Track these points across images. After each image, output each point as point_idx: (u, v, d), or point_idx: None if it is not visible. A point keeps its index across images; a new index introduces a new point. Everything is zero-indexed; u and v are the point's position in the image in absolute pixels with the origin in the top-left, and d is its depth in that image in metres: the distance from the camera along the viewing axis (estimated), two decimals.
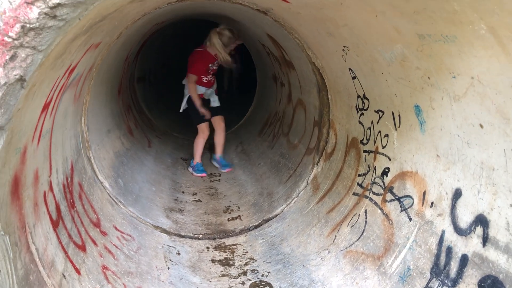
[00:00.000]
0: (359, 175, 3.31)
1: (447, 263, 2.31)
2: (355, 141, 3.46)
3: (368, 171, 3.20)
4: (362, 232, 3.03)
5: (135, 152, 5.05)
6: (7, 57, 1.30)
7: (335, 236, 3.23)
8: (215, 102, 5.50)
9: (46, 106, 2.04)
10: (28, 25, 1.24)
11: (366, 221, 3.04)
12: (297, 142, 4.63)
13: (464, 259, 2.20)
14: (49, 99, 2.05)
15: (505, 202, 2.00)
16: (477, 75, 1.93)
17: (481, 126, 2.07)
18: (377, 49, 2.65)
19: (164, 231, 3.82)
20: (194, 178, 5.35)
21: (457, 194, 2.31)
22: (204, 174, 5.41)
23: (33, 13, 1.22)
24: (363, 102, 3.26)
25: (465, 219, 2.24)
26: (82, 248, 2.65)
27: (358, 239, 3.03)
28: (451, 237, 2.31)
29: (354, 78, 3.24)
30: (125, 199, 3.85)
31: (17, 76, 1.35)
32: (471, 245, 2.18)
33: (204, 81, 5.27)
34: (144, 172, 4.84)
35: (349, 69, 3.23)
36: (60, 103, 2.42)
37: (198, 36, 10.40)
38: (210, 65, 5.17)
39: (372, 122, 3.17)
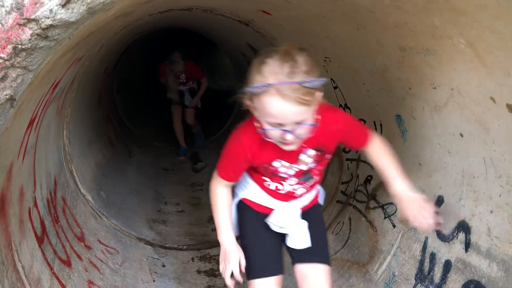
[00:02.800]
0: (343, 183, 3.36)
1: (431, 268, 2.37)
2: (337, 149, 3.51)
3: (351, 179, 3.26)
4: (347, 240, 3.07)
5: (116, 163, 5.01)
6: None
7: None
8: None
9: (31, 122, 2.02)
10: (20, 46, 1.24)
11: (350, 229, 3.09)
12: None
13: (447, 265, 2.26)
14: (34, 115, 2.04)
15: (486, 209, 2.07)
16: (457, 86, 2.00)
17: (461, 135, 2.13)
18: (358, 60, 2.70)
19: (148, 243, 3.80)
20: (176, 189, 5.33)
21: (440, 201, 2.37)
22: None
23: (26, 34, 1.22)
24: (345, 111, 3.32)
25: (447, 226, 2.30)
26: (68, 263, 2.63)
27: (343, 247, 3.08)
28: (434, 243, 2.37)
29: (335, 88, 3.29)
30: (108, 211, 3.81)
31: (7, 96, 1.35)
32: (454, 251, 2.24)
33: None
34: (126, 183, 4.81)
35: (331, 79, 3.28)
36: (44, 117, 2.40)
37: (176, 45, 10.37)
38: None
39: None
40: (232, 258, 2.06)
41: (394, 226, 2.70)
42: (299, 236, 2.15)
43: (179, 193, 5.21)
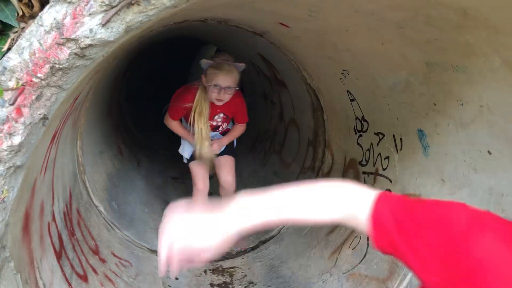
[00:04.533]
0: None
1: None
2: (353, 162, 3.48)
3: None
4: (365, 255, 3.03)
5: (125, 172, 4.97)
6: (34, 97, 1.26)
7: (337, 258, 3.22)
8: None
9: (53, 137, 1.99)
10: (57, 66, 1.21)
11: (368, 244, 3.05)
12: (291, 160, 4.63)
13: None
14: (57, 129, 2.01)
15: None
16: (487, 104, 1.97)
17: (489, 152, 2.10)
18: (379, 74, 2.68)
19: None
20: (185, 198, 5.28)
21: None
22: None
23: (64, 54, 1.19)
24: (362, 124, 3.28)
25: None
26: (84, 278, 2.58)
27: (360, 262, 3.03)
28: None
29: (352, 100, 3.26)
30: (120, 222, 3.77)
31: (41, 116, 1.32)
32: None
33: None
34: (136, 193, 4.77)
35: (347, 91, 3.25)
36: (63, 131, 2.37)
37: (184, 53, 10.38)
38: None
39: (371, 144, 3.19)
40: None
41: None
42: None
43: None
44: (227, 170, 3.88)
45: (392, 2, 1.79)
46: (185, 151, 3.92)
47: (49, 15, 1.17)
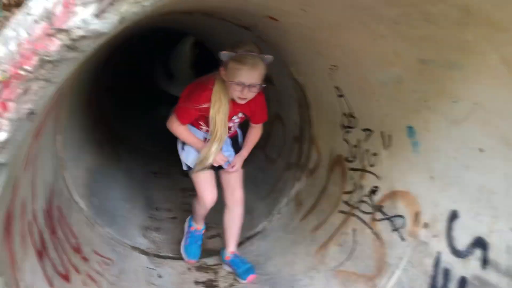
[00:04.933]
0: (345, 193, 3.31)
1: (445, 285, 2.33)
2: (340, 158, 3.46)
3: (354, 189, 3.20)
4: (352, 252, 3.02)
5: (106, 167, 4.86)
6: (20, 91, 1.19)
7: (323, 255, 3.21)
8: None
9: (37, 132, 1.90)
10: (46, 58, 1.14)
11: (355, 240, 3.04)
12: (276, 156, 4.60)
13: (463, 281, 2.23)
14: (41, 124, 1.92)
15: (506, 226, 2.04)
16: (481, 101, 1.96)
17: (481, 150, 2.10)
18: (370, 70, 2.65)
19: (143, 252, 3.68)
20: (167, 194, 5.21)
21: (454, 216, 2.34)
22: (191, 261, 3.59)
23: (54, 45, 1.12)
24: (349, 120, 3.26)
25: (462, 241, 2.27)
26: (66, 278, 2.50)
27: (347, 259, 3.02)
28: (448, 258, 2.33)
29: (340, 96, 3.24)
30: (101, 219, 3.68)
31: (28, 111, 1.24)
32: (470, 267, 2.20)
33: None
34: (117, 188, 4.67)
35: (336, 87, 3.23)
36: (46, 126, 2.27)
37: (166, 45, 10.22)
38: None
39: (359, 140, 3.18)
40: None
41: (403, 239, 2.65)
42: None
43: (170, 198, 5.08)
44: (237, 185, 3.32)
45: None
46: (189, 158, 3.20)
47: (38, 3, 1.10)
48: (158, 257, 3.70)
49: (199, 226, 3.68)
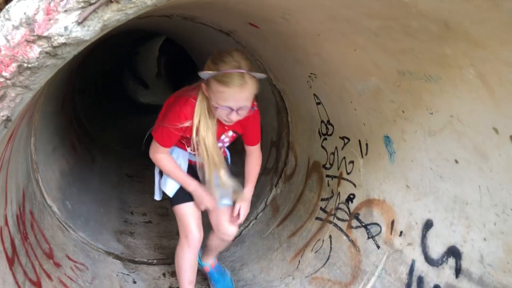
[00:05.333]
0: (322, 200, 3.33)
1: None
2: (317, 165, 3.48)
3: (331, 196, 3.23)
4: (328, 258, 3.03)
5: (79, 170, 4.77)
6: None
7: (299, 261, 3.22)
8: None
9: (11, 137, 1.85)
10: (25, 65, 1.11)
11: (331, 247, 3.06)
12: None
13: None
14: (14, 128, 1.87)
15: (479, 236, 2.08)
16: (457, 114, 2.00)
17: (456, 161, 2.14)
18: (348, 80, 2.68)
19: (117, 257, 3.62)
20: (142, 197, 5.14)
21: (428, 225, 2.38)
22: None
23: (34, 52, 1.09)
24: (327, 128, 3.29)
25: (436, 250, 2.31)
26: (38, 284, 2.43)
27: (323, 265, 3.04)
28: (422, 266, 2.37)
29: (318, 103, 3.26)
30: (74, 223, 3.61)
31: (3, 117, 1.20)
32: (444, 276, 2.24)
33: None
34: (90, 191, 4.58)
35: (314, 94, 3.25)
36: (19, 128, 2.22)
37: (139, 45, 10.08)
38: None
39: (336, 147, 3.20)
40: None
41: (378, 247, 2.68)
42: None
43: (145, 202, 5.02)
44: (230, 217, 2.80)
45: (371, 10, 1.78)
46: (167, 185, 2.69)
47: (18, 9, 1.07)
48: (132, 263, 3.64)
49: (212, 262, 3.18)
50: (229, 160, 2.93)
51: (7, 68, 1.10)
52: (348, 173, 3.07)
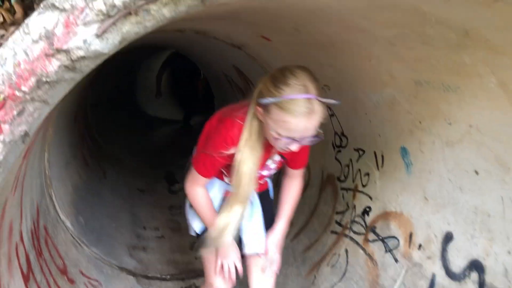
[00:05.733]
0: (337, 213, 3.28)
1: None
2: (331, 177, 3.44)
3: (347, 209, 3.18)
4: (344, 273, 2.98)
5: (92, 184, 4.77)
6: (15, 112, 1.14)
7: (315, 276, 3.16)
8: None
9: (27, 152, 1.84)
10: (44, 79, 1.10)
11: (347, 261, 3.00)
12: None
13: None
14: (30, 144, 1.86)
15: (502, 249, 2.02)
16: (476, 124, 1.96)
17: (476, 172, 2.09)
18: (363, 91, 2.65)
19: (130, 272, 3.60)
20: (153, 211, 5.12)
21: (448, 238, 2.32)
22: None
23: (52, 66, 1.08)
24: (341, 140, 3.26)
25: (458, 264, 2.25)
26: None
27: (340, 280, 2.98)
28: (443, 281, 2.31)
29: (332, 115, 3.23)
30: (87, 238, 3.60)
31: (22, 133, 1.19)
32: None
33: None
34: (103, 206, 4.58)
35: (328, 107, 3.22)
36: (34, 143, 2.21)
37: (149, 58, 10.13)
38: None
39: (350, 160, 3.17)
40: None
41: (396, 260, 2.63)
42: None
43: (157, 216, 5.00)
44: (266, 280, 2.42)
45: (387, 20, 1.76)
46: (195, 221, 2.38)
47: (37, 23, 1.06)
48: (146, 278, 3.62)
49: None
50: (271, 194, 2.52)
51: (26, 83, 1.09)
52: (363, 186, 3.03)
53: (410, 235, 2.56)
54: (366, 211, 2.97)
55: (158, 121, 9.86)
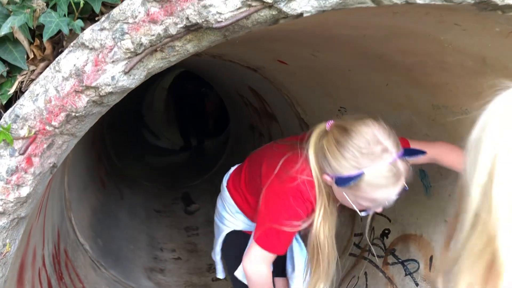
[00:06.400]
0: (355, 235, 3.26)
1: None
2: None
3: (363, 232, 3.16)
4: None
5: (109, 206, 4.81)
6: (45, 146, 1.18)
7: None
8: None
9: (51, 180, 1.88)
10: (73, 114, 1.13)
11: (366, 284, 2.98)
12: None
13: None
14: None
15: None
16: None
17: None
18: (380, 113, 2.64)
19: None
20: (170, 233, 5.14)
21: None
22: None
23: (82, 101, 1.12)
24: None
25: None
26: None
27: None
28: None
29: None
30: (105, 261, 3.62)
31: (51, 165, 1.23)
32: None
33: None
34: (120, 228, 4.61)
35: None
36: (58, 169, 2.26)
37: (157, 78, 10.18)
38: None
39: None
40: None
41: (417, 284, 2.60)
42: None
43: (173, 238, 5.02)
44: None
45: (405, 47, 1.78)
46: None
47: (67, 61, 1.10)
48: None
49: None
50: None
51: (56, 118, 1.12)
52: None
53: (431, 258, 2.54)
54: (385, 233, 2.95)
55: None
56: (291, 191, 1.68)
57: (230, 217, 2.12)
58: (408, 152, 1.60)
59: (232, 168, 2.23)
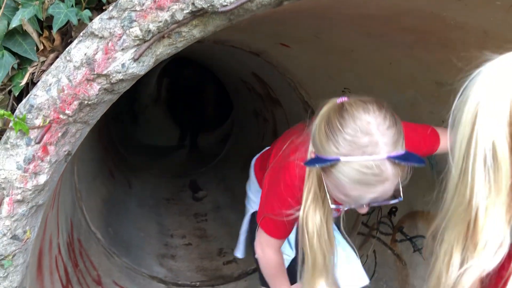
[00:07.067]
0: (363, 214, 3.29)
1: None
2: None
3: (373, 210, 3.20)
4: (373, 274, 3.00)
5: (118, 195, 4.88)
6: (60, 134, 1.21)
7: None
8: None
9: (64, 169, 1.92)
10: (86, 102, 1.17)
11: (376, 262, 3.02)
12: None
13: None
14: None
15: None
16: None
17: None
18: (384, 93, 2.67)
19: (161, 281, 3.67)
20: (179, 220, 5.21)
21: None
22: None
23: (93, 89, 1.15)
24: None
25: None
26: None
27: (369, 281, 3.00)
28: None
29: None
30: (118, 249, 3.68)
31: (65, 152, 1.27)
32: None
33: None
34: (130, 217, 4.67)
35: None
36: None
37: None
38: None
39: None
40: None
41: (426, 259, 2.64)
42: None
43: (183, 224, 5.08)
44: None
45: (406, 25, 1.79)
46: None
47: (78, 50, 1.13)
48: (176, 286, 3.69)
49: None
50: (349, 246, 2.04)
51: (69, 106, 1.16)
52: None
53: None
54: (392, 212, 2.99)
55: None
56: (283, 178, 1.60)
57: (253, 196, 2.11)
58: (409, 157, 1.35)
59: (266, 148, 2.16)
